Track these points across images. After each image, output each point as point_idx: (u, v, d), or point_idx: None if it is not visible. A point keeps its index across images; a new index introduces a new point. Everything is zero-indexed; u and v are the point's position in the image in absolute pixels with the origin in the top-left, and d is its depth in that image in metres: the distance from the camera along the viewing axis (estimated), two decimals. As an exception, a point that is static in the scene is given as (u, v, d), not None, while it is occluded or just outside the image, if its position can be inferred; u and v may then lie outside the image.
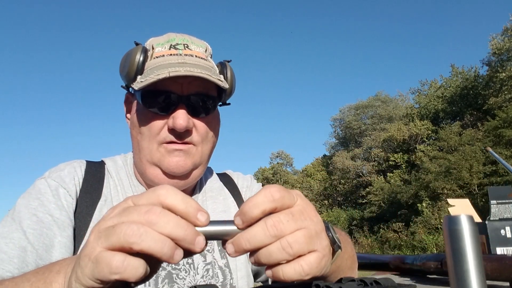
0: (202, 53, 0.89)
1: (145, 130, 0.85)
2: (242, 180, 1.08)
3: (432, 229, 21.13)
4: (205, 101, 0.86)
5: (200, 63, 0.85)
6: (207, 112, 0.87)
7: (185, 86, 0.83)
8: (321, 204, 36.15)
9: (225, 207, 0.99)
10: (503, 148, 20.51)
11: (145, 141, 0.85)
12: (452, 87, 30.22)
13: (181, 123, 0.81)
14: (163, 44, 0.87)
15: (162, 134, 0.84)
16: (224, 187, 1.04)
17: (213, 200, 0.99)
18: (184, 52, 0.86)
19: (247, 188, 1.06)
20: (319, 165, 40.74)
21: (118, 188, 0.90)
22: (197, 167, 0.89)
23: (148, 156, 0.86)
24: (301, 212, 0.45)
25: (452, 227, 0.36)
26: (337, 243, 0.50)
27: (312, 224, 0.45)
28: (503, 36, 24.47)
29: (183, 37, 0.90)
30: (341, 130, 39.42)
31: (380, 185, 28.80)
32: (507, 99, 23.45)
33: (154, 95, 0.83)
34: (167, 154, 0.84)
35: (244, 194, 1.05)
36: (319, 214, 0.47)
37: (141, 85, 0.80)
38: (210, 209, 0.97)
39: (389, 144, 31.54)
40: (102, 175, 0.91)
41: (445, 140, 24.90)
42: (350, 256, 0.71)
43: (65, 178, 0.85)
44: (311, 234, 0.44)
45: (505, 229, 1.90)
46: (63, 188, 0.83)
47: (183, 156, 0.85)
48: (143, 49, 0.86)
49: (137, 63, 0.84)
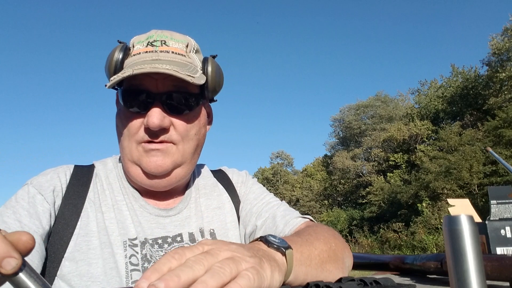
0: (180, 49, 0.87)
1: (125, 129, 0.85)
2: (237, 176, 1.07)
3: (432, 229, 21.12)
4: (183, 98, 0.84)
5: (176, 59, 0.84)
6: (185, 110, 0.85)
7: (160, 83, 0.82)
8: (321, 204, 36.12)
9: (220, 203, 0.98)
10: (503, 148, 20.50)
11: (125, 140, 0.85)
12: (452, 87, 30.20)
13: (154, 122, 0.80)
14: (142, 42, 0.87)
15: (140, 134, 0.83)
16: (218, 183, 1.03)
17: (207, 197, 0.98)
18: (160, 48, 0.85)
19: (241, 183, 1.05)
20: (319, 165, 40.72)
21: (106, 192, 0.89)
22: (178, 166, 0.87)
23: (129, 155, 0.85)
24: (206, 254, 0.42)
25: (452, 227, 0.36)
26: (279, 246, 0.53)
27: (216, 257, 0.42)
28: (503, 36, 24.44)
29: (163, 33, 0.89)
30: (341, 130, 39.40)
31: (380, 185, 28.78)
32: (507, 99, 23.43)
33: (131, 93, 0.83)
34: (145, 154, 0.84)
35: (239, 189, 1.04)
36: (319, 214, 0.46)
37: (109, 84, 0.80)
38: (203, 206, 0.96)
39: (389, 144, 31.52)
40: (88, 179, 0.90)
41: (445, 140, 24.88)
42: (323, 251, 0.71)
43: (44, 184, 0.85)
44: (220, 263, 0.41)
45: (505, 229, 1.90)
46: (40, 195, 0.82)
47: (161, 156, 0.83)
48: (122, 47, 0.86)
49: (115, 62, 0.84)
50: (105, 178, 0.91)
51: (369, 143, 33.71)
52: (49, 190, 0.84)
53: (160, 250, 0.85)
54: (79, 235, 0.81)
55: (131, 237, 0.84)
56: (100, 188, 0.89)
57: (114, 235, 0.83)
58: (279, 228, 0.90)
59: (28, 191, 0.83)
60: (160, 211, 0.90)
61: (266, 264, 0.47)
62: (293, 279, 0.58)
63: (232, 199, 1.00)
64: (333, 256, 0.74)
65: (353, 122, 36.84)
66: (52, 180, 0.86)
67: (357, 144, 36.13)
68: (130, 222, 0.85)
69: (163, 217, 0.90)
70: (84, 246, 0.81)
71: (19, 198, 0.82)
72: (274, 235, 0.56)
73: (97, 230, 0.83)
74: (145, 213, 0.89)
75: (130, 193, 0.90)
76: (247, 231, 0.96)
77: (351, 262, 0.86)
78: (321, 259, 0.69)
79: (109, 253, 0.81)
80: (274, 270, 0.48)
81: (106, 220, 0.84)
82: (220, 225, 0.94)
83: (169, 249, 0.86)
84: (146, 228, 0.87)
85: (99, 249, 0.81)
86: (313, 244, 0.70)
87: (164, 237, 0.87)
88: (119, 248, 0.82)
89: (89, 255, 0.80)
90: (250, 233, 0.95)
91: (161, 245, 0.86)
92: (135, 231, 0.85)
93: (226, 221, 0.96)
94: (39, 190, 0.83)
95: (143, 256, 0.83)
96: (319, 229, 0.81)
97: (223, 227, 0.95)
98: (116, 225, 0.84)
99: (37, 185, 0.84)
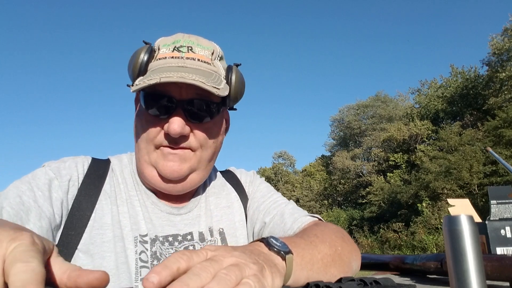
0: (206, 56, 0.87)
1: (144, 131, 0.85)
2: (245, 176, 1.08)
3: (432, 229, 21.13)
4: (206, 106, 0.84)
5: (201, 67, 0.84)
6: (206, 117, 0.85)
7: (184, 90, 0.82)
8: (321, 204, 36.14)
9: (229, 202, 0.99)
10: (503, 148, 20.50)
11: (143, 142, 0.85)
12: (452, 87, 30.21)
13: (175, 129, 0.80)
14: (168, 46, 0.86)
15: (159, 138, 0.83)
16: (227, 182, 1.04)
17: (216, 196, 0.99)
18: (186, 55, 0.84)
19: (249, 183, 1.06)
20: (319, 165, 40.74)
21: (121, 186, 0.90)
22: (194, 172, 0.88)
23: (146, 157, 0.85)
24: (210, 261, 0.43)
25: (452, 227, 0.36)
26: (279, 251, 0.54)
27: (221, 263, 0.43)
28: (503, 36, 24.45)
29: (190, 39, 0.88)
30: (341, 130, 39.41)
31: (380, 185, 28.80)
32: (507, 99, 23.44)
33: (154, 97, 0.83)
34: (162, 157, 0.84)
35: (247, 189, 1.04)
36: (319, 214, 0.47)
37: (134, 89, 0.80)
38: (213, 205, 0.97)
39: (389, 144, 31.53)
40: (104, 173, 0.91)
41: (445, 140, 24.89)
42: (328, 255, 0.71)
43: (62, 171, 0.84)
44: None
45: (505, 229, 1.90)
46: (57, 181, 0.82)
47: (178, 161, 0.84)
48: (148, 49, 0.86)
49: (140, 64, 0.84)
50: (120, 172, 0.92)
51: (369, 143, 33.73)
52: (65, 179, 0.84)
53: (170, 248, 0.85)
54: (93, 227, 0.82)
55: (142, 233, 0.84)
56: (115, 182, 0.90)
57: (127, 229, 0.83)
58: (287, 225, 0.90)
59: (45, 173, 0.83)
60: (172, 209, 0.91)
61: (268, 271, 0.47)
62: (293, 283, 0.58)
63: (241, 198, 1.01)
64: (338, 259, 0.74)
65: (353, 122, 36.84)
66: (69, 169, 0.86)
67: (357, 144, 36.15)
68: (141, 218, 0.86)
69: (174, 215, 0.90)
70: (98, 239, 0.81)
71: (36, 177, 0.81)
72: (276, 238, 0.57)
73: (112, 223, 0.83)
74: (157, 210, 0.89)
75: (143, 190, 0.91)
76: (256, 229, 0.96)
77: (358, 265, 0.85)
78: (324, 263, 0.69)
79: (121, 247, 0.81)
80: (275, 277, 0.48)
81: (120, 214, 0.85)
82: (229, 224, 0.95)
83: (180, 247, 0.86)
84: (157, 226, 0.87)
85: (112, 243, 0.81)
86: (317, 247, 0.69)
87: (174, 235, 0.88)
88: (130, 243, 0.82)
89: (103, 248, 0.80)
90: (259, 230, 0.95)
91: (171, 243, 0.86)
92: (146, 227, 0.85)
93: (234, 220, 0.97)
94: (56, 175, 0.83)
95: (153, 253, 0.83)
96: (327, 229, 0.81)
97: (232, 226, 0.95)
98: (129, 220, 0.85)
99: (55, 169, 0.84)
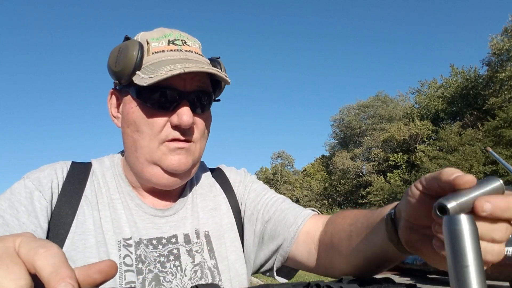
0: (198, 49, 0.88)
1: (145, 127, 0.83)
2: (234, 175, 1.05)
3: (432, 229, 21.10)
4: (204, 97, 0.86)
5: (201, 59, 0.84)
6: (204, 109, 0.87)
7: (187, 82, 0.82)
8: (321, 204, 36.14)
9: (216, 205, 0.97)
10: (503, 148, 20.51)
11: (144, 140, 0.83)
12: (452, 87, 30.22)
13: (188, 120, 0.80)
14: (159, 39, 0.85)
15: (165, 132, 0.82)
16: (216, 182, 1.02)
17: (203, 197, 0.97)
18: (183, 48, 0.85)
19: (240, 183, 1.03)
20: (319, 165, 40.75)
21: (103, 190, 0.88)
22: (196, 164, 0.89)
23: (148, 155, 0.84)
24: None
25: (452, 227, 0.36)
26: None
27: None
28: (503, 36, 24.46)
29: (179, 33, 0.88)
30: (341, 130, 39.42)
31: (380, 185, 28.81)
32: (507, 99, 23.44)
33: (155, 91, 0.81)
34: (169, 152, 0.83)
35: (236, 189, 1.02)
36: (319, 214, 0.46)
37: (151, 81, 0.77)
38: (200, 206, 0.95)
39: (389, 144, 31.55)
40: (85, 177, 0.89)
41: (445, 140, 24.90)
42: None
43: (43, 180, 0.82)
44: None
45: (505, 229, 1.90)
46: (38, 191, 0.80)
47: (185, 154, 0.84)
48: (139, 44, 0.84)
49: (136, 59, 0.82)
50: (102, 176, 0.90)
51: (369, 143, 33.74)
52: (47, 187, 0.82)
53: (155, 251, 0.84)
54: (75, 233, 0.80)
55: (126, 236, 0.83)
56: (97, 186, 0.88)
57: (109, 234, 0.82)
58: (290, 221, 0.89)
59: (25, 185, 0.81)
60: (156, 211, 0.89)
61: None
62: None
63: (229, 200, 0.99)
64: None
65: (353, 122, 36.86)
66: (49, 177, 0.84)
67: (357, 144, 36.16)
68: (125, 222, 0.85)
69: (158, 217, 0.89)
70: (81, 245, 0.79)
71: (16, 192, 0.80)
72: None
73: (94, 229, 0.82)
74: (141, 212, 0.88)
75: (126, 192, 0.89)
76: (257, 229, 0.94)
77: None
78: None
79: (104, 252, 0.80)
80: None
81: (102, 218, 0.83)
82: (215, 227, 0.93)
83: (164, 250, 0.85)
84: (141, 228, 0.86)
85: (95, 248, 0.80)
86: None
87: (159, 238, 0.86)
88: (114, 247, 0.81)
89: (85, 254, 0.79)
90: (261, 229, 0.94)
91: (155, 246, 0.85)
92: (129, 230, 0.84)
93: (221, 223, 0.95)
94: (37, 186, 0.81)
95: (138, 256, 0.82)
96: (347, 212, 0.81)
97: (218, 229, 0.93)
98: (111, 224, 0.83)
99: (35, 180, 0.82)
